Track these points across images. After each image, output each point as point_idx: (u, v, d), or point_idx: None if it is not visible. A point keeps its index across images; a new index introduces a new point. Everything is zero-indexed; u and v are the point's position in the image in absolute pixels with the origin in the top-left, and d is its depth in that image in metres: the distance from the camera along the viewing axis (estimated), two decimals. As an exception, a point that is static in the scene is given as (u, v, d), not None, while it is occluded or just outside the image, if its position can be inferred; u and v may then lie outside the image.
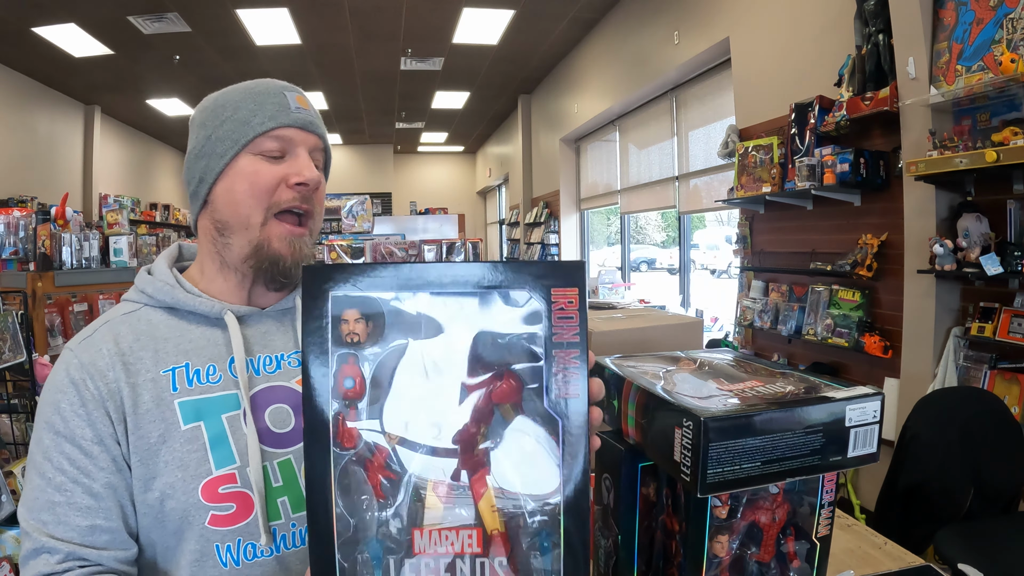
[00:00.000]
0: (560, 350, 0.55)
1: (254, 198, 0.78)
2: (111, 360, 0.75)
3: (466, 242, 4.46)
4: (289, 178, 0.79)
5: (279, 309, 0.85)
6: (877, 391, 0.69)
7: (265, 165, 0.79)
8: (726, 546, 0.71)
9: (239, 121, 0.79)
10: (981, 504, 1.93)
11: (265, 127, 0.78)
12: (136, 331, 0.79)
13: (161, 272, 0.84)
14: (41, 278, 2.63)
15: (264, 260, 0.79)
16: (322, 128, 0.84)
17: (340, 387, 0.53)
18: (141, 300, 0.82)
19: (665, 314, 1.66)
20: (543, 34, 6.62)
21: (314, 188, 0.80)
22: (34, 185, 7.04)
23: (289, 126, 0.79)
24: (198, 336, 0.79)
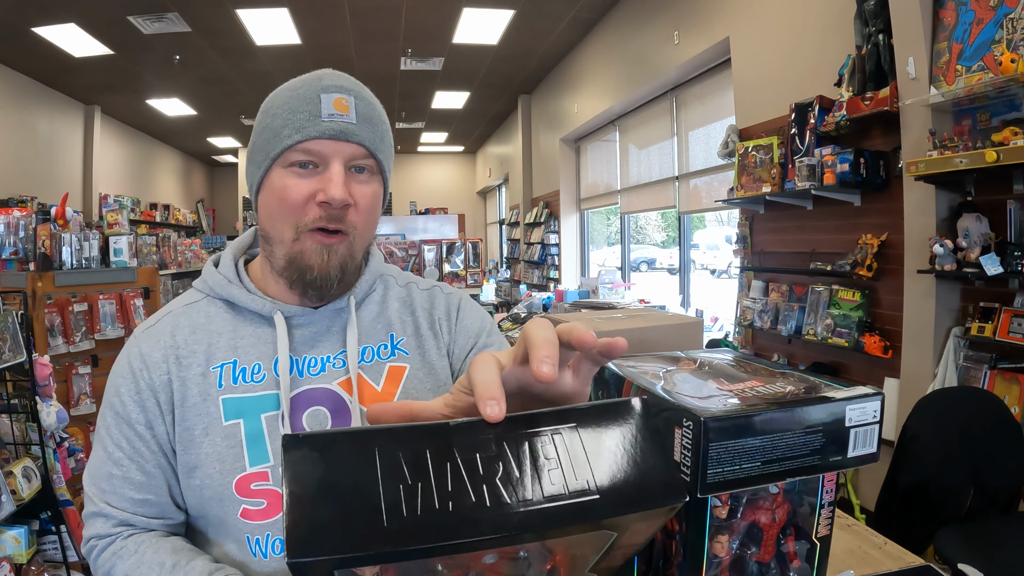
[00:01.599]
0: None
1: (283, 215, 0.76)
2: (166, 353, 0.79)
3: (466, 242, 4.46)
4: (317, 195, 0.75)
5: (332, 309, 0.84)
6: (877, 391, 0.69)
7: (294, 180, 0.75)
8: (726, 546, 0.71)
9: (273, 131, 0.76)
10: (981, 504, 1.93)
11: (292, 140, 0.74)
12: (193, 324, 0.81)
13: (225, 265, 0.86)
14: (41, 278, 2.63)
15: (295, 272, 0.78)
16: (363, 133, 0.77)
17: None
18: (204, 291, 0.85)
19: (665, 314, 1.66)
20: (543, 34, 6.62)
21: (341, 207, 0.75)
22: (34, 185, 7.04)
23: (317, 138, 0.74)
24: (249, 333, 0.81)
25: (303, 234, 0.76)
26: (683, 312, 5.04)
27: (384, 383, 0.83)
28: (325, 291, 0.79)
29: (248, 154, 0.81)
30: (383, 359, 0.85)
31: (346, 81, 0.79)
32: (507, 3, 5.70)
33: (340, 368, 0.82)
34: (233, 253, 0.88)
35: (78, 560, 2.17)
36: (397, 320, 0.88)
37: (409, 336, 0.88)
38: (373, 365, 0.84)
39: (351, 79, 0.80)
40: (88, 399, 2.79)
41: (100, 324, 2.83)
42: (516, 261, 9.64)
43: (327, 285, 0.78)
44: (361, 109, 0.77)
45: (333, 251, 0.77)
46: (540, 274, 8.48)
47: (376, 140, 0.78)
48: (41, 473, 2.08)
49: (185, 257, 5.43)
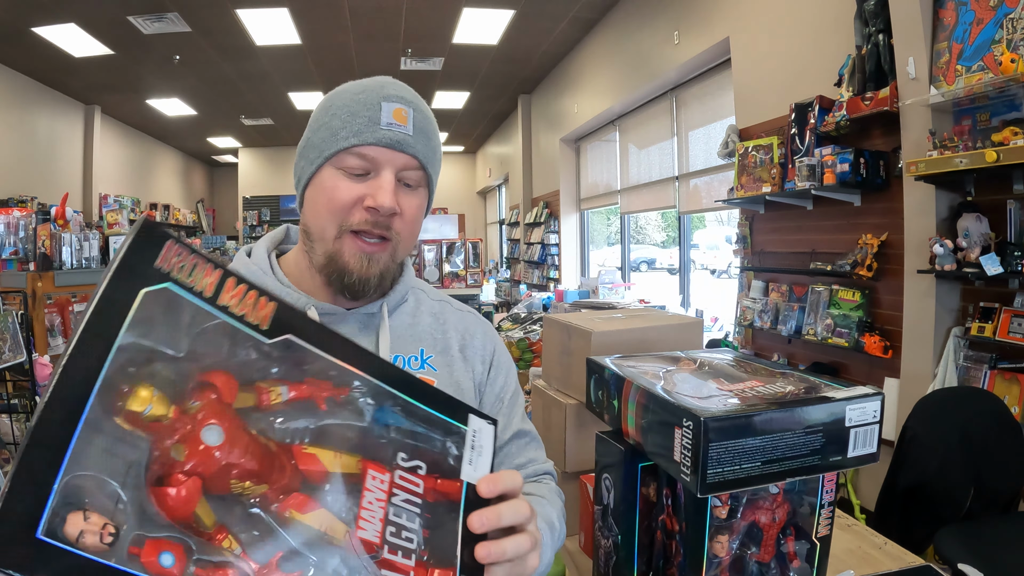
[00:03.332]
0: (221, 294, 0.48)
1: (329, 214, 0.77)
2: None
3: (466, 242, 4.46)
4: (365, 200, 0.76)
5: (365, 313, 0.84)
6: (877, 391, 0.69)
7: (345, 182, 0.76)
8: (726, 546, 0.71)
9: (330, 130, 0.77)
10: (981, 504, 1.93)
11: (348, 143, 0.75)
12: None
13: (258, 256, 0.85)
14: (41, 278, 2.63)
15: (334, 272, 0.78)
16: (418, 146, 0.78)
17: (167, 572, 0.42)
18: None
19: (665, 314, 1.66)
20: (543, 34, 6.62)
21: (388, 214, 0.76)
22: (34, 185, 7.04)
23: (373, 144, 0.75)
24: None
25: (345, 234, 0.77)
26: (683, 312, 5.04)
27: None
28: (361, 295, 0.80)
29: (301, 149, 0.82)
30: (413, 369, 0.85)
31: (407, 92, 0.80)
32: (507, 3, 5.70)
33: None
34: (267, 245, 0.88)
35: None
36: (428, 335, 0.89)
37: (439, 354, 0.88)
38: None
39: (411, 91, 0.81)
40: (88, 399, 2.79)
41: (100, 324, 2.83)
42: (516, 261, 9.64)
43: (365, 289, 0.78)
44: (418, 122, 0.79)
45: (375, 259, 0.78)
46: (540, 274, 8.48)
47: (429, 153, 0.80)
48: (41, 473, 2.07)
49: (185, 257, 5.42)
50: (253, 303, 0.48)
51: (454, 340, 0.90)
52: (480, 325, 0.95)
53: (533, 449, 0.94)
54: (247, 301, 0.48)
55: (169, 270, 0.45)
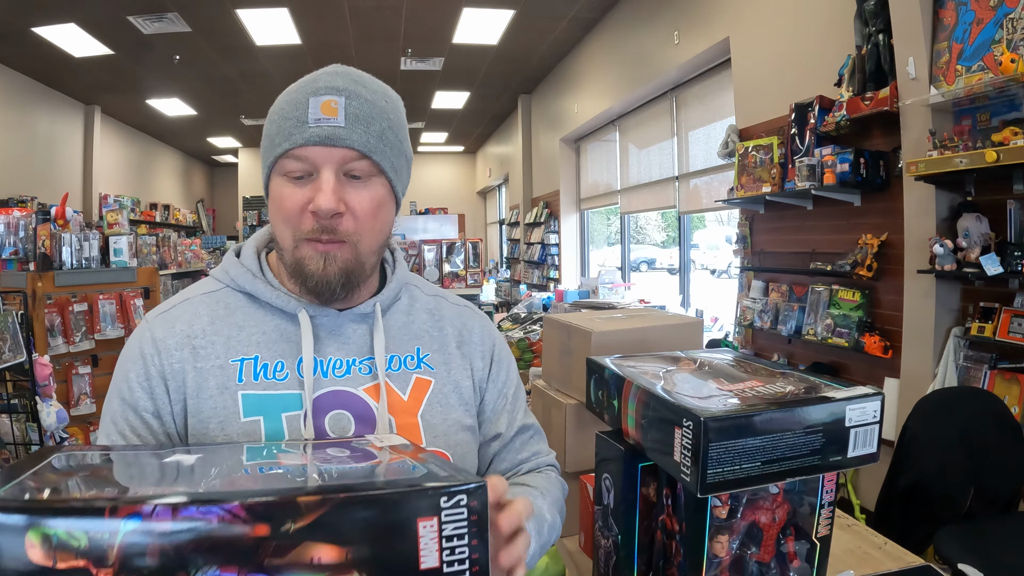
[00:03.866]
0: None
1: (283, 223, 0.76)
2: (181, 340, 0.76)
3: (466, 242, 4.46)
4: (309, 204, 0.73)
5: (357, 313, 0.82)
6: (877, 391, 0.69)
7: (289, 188, 0.74)
8: (726, 546, 0.71)
9: (269, 137, 0.76)
10: (981, 504, 1.93)
11: (282, 148, 0.73)
12: (213, 314, 0.79)
13: (247, 257, 0.84)
14: (41, 278, 2.63)
15: (299, 277, 0.76)
16: (354, 136, 0.73)
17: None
18: (224, 281, 0.83)
19: (665, 314, 1.66)
20: (543, 34, 6.62)
21: (329, 216, 0.73)
22: (34, 185, 7.05)
23: (304, 145, 0.72)
24: (272, 329, 0.79)
25: (301, 242, 0.75)
26: (683, 312, 5.04)
27: (410, 393, 0.82)
28: (328, 296, 0.77)
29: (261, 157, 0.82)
30: (409, 369, 0.84)
31: (340, 80, 0.76)
32: (507, 3, 5.70)
33: (367, 374, 0.80)
34: (255, 245, 0.86)
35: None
36: (424, 333, 0.87)
37: (435, 352, 0.86)
38: (400, 374, 0.83)
39: (348, 76, 0.77)
40: (88, 399, 2.79)
41: (100, 324, 2.83)
42: (516, 261, 9.64)
43: (328, 290, 0.76)
44: (352, 109, 0.74)
45: (331, 258, 0.75)
46: (540, 274, 8.48)
47: (371, 140, 0.74)
48: (41, 473, 2.07)
49: (185, 257, 5.43)
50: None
51: (451, 336, 0.89)
52: (477, 319, 0.94)
53: (536, 442, 0.94)
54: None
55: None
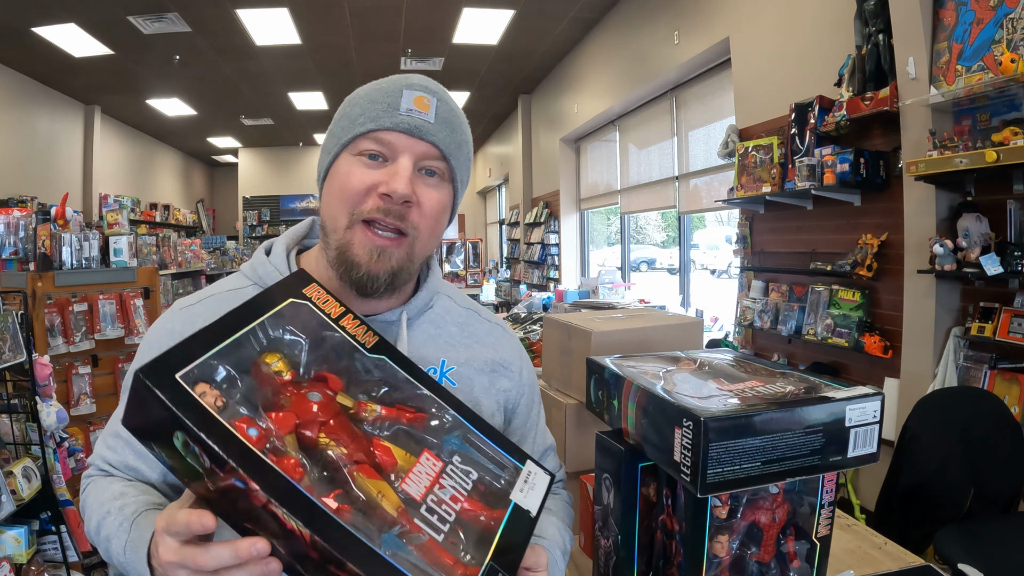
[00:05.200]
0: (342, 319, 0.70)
1: (341, 201, 0.73)
2: None
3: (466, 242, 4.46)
4: (380, 186, 0.72)
5: (383, 320, 0.80)
6: (877, 391, 0.69)
7: (359, 168, 0.73)
8: (726, 546, 0.71)
9: (349, 119, 0.75)
10: (981, 504, 1.93)
11: (365, 128, 0.73)
12: None
13: (277, 255, 0.83)
14: (41, 278, 2.63)
15: (343, 265, 0.74)
16: (440, 134, 0.74)
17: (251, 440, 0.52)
18: (252, 278, 0.82)
19: (665, 314, 1.66)
20: (543, 34, 6.62)
21: (400, 203, 0.72)
22: (34, 185, 7.05)
23: (390, 129, 0.72)
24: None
25: (356, 224, 0.73)
26: (683, 312, 5.04)
27: None
28: (371, 292, 0.75)
29: (323, 144, 0.80)
30: None
31: (432, 84, 0.77)
32: (507, 3, 5.70)
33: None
34: (287, 243, 0.85)
35: (78, 560, 2.17)
36: (451, 346, 0.85)
37: (460, 366, 0.84)
38: None
39: (439, 85, 0.79)
40: (88, 399, 2.79)
41: (100, 324, 2.83)
42: (516, 261, 9.64)
43: (374, 286, 0.74)
44: (442, 112, 0.75)
45: (386, 254, 0.73)
46: (540, 274, 8.48)
47: (452, 145, 0.76)
48: (41, 473, 2.07)
49: (185, 257, 5.43)
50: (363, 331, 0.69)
51: (480, 355, 0.86)
52: (509, 340, 0.92)
53: (553, 459, 0.95)
54: (359, 329, 0.68)
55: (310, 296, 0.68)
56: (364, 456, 0.57)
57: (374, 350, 0.67)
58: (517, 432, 0.90)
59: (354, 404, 0.61)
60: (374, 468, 0.57)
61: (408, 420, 0.63)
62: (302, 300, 0.66)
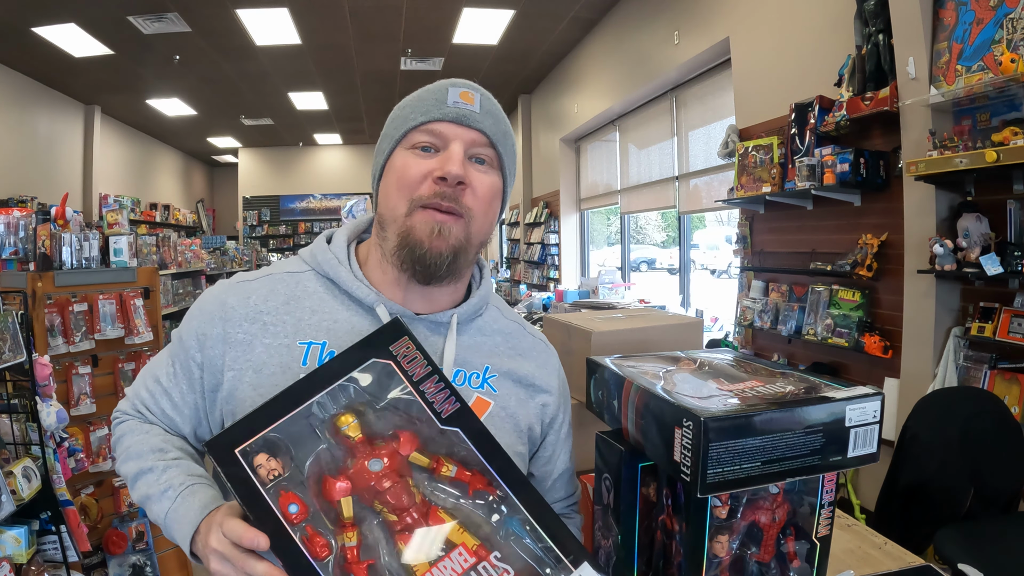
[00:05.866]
0: (424, 383, 0.69)
1: (399, 191, 0.77)
2: (251, 313, 0.79)
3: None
4: (434, 172, 0.76)
5: (433, 321, 0.82)
6: (877, 391, 0.69)
7: (414, 159, 0.78)
8: (726, 546, 0.71)
9: (401, 118, 0.80)
10: (981, 504, 1.93)
11: (417, 121, 0.78)
12: (290, 294, 0.81)
13: (337, 244, 0.86)
14: (41, 278, 2.63)
15: (405, 248, 0.77)
16: (486, 122, 0.80)
17: (288, 516, 0.60)
18: (311, 264, 0.85)
19: (665, 314, 1.66)
20: (543, 34, 6.62)
21: (454, 184, 0.76)
22: (34, 185, 7.05)
23: (440, 120, 0.77)
24: (345, 319, 0.80)
25: (415, 209, 0.76)
26: (683, 312, 5.04)
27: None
28: (434, 272, 0.77)
29: (377, 146, 0.84)
30: (473, 387, 0.83)
31: (474, 84, 0.83)
32: (507, 3, 5.70)
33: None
34: (348, 234, 0.88)
35: (78, 560, 2.16)
36: (495, 355, 0.87)
37: (502, 376, 0.86)
38: (463, 389, 0.82)
39: (481, 87, 0.84)
40: (88, 399, 2.79)
41: (100, 324, 2.82)
42: (516, 261, 9.64)
43: (436, 264, 0.77)
44: (486, 104, 0.80)
45: (446, 229, 0.76)
46: (540, 274, 8.48)
47: (499, 133, 0.80)
48: (41, 473, 2.07)
49: (185, 257, 5.42)
50: (444, 397, 0.69)
51: (523, 370, 0.88)
52: (551, 358, 0.94)
53: (572, 482, 0.97)
54: (440, 395, 0.69)
55: (397, 353, 0.69)
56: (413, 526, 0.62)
57: (449, 421, 0.68)
58: (548, 448, 0.91)
59: (431, 462, 0.65)
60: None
61: (473, 493, 0.65)
62: (386, 360, 0.69)
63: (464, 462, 0.66)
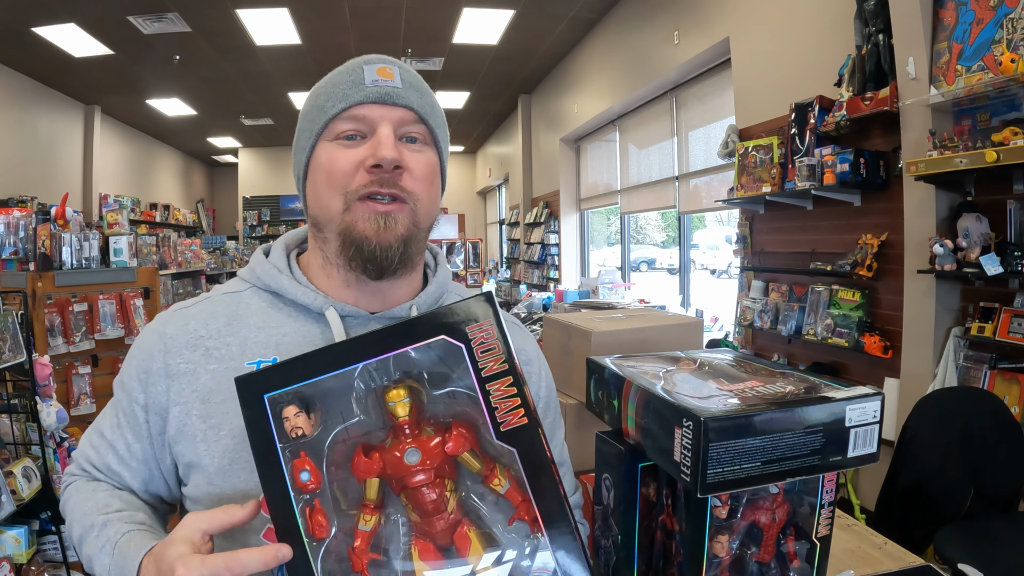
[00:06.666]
0: (494, 383, 0.58)
1: (331, 187, 0.71)
2: (192, 340, 0.73)
3: (466, 242, 4.46)
4: (366, 160, 0.70)
5: (391, 317, 0.77)
6: (877, 391, 0.69)
7: (341, 151, 0.72)
8: (726, 546, 0.71)
9: (317, 109, 0.74)
10: (981, 504, 1.93)
11: (336, 109, 0.71)
12: (231, 314, 0.75)
13: (276, 254, 0.80)
14: (41, 278, 2.63)
15: (351, 247, 0.71)
16: (412, 97, 0.73)
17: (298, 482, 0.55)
18: (250, 280, 0.79)
19: (665, 314, 1.66)
20: (543, 34, 6.62)
21: (391, 169, 0.70)
22: (34, 185, 7.04)
23: (362, 103, 0.71)
24: (294, 330, 0.74)
25: (353, 203, 0.71)
26: (683, 312, 5.04)
27: None
28: (387, 266, 0.72)
29: (294, 145, 0.78)
30: None
31: (389, 57, 0.77)
32: (507, 3, 5.70)
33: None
34: (286, 243, 0.83)
35: (78, 560, 2.16)
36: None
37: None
38: None
39: (394, 59, 0.78)
40: (88, 399, 2.79)
41: (100, 324, 2.83)
42: (516, 261, 9.64)
43: (388, 258, 0.71)
44: (407, 77, 0.75)
45: (391, 220, 0.71)
46: (540, 274, 8.48)
47: (426, 106, 0.75)
48: (41, 473, 2.07)
49: (185, 257, 5.42)
50: (511, 406, 0.58)
51: None
52: (529, 342, 0.89)
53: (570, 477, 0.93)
54: (507, 402, 0.58)
55: (472, 339, 0.59)
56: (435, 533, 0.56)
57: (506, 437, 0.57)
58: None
59: (483, 467, 0.57)
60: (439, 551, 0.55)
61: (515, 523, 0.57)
62: (459, 342, 0.58)
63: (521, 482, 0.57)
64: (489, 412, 0.57)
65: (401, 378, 0.57)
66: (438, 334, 0.58)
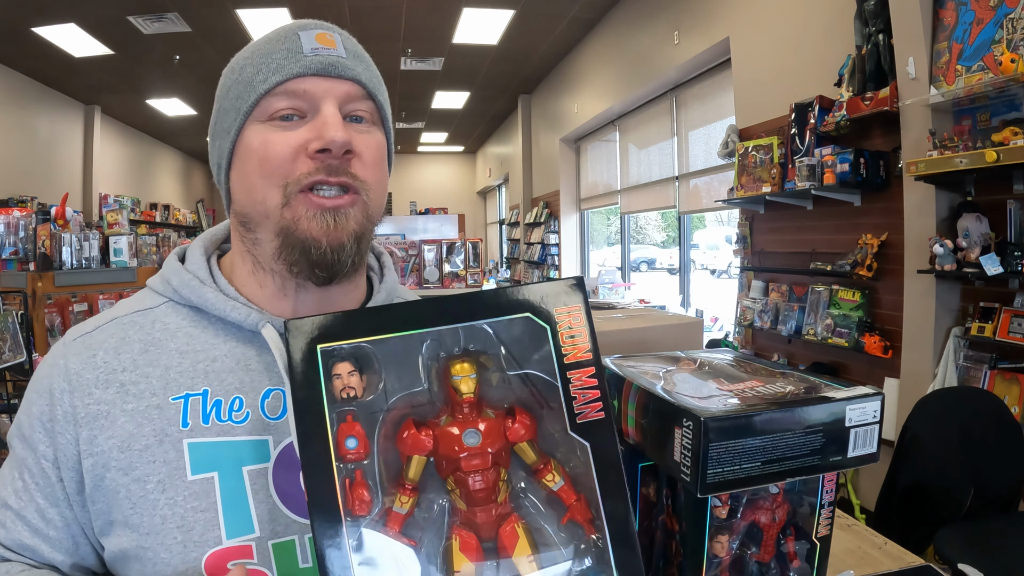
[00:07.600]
0: (576, 371, 0.53)
1: (265, 178, 0.59)
2: (102, 375, 0.60)
3: (466, 242, 4.46)
4: (309, 144, 0.59)
5: None
6: (877, 391, 0.69)
7: (276, 133, 0.60)
8: (726, 546, 0.71)
9: (243, 83, 0.62)
10: (981, 504, 1.93)
11: (270, 83, 0.60)
12: (147, 338, 0.62)
13: (194, 261, 0.67)
14: (41, 278, 2.63)
15: (295, 249, 0.60)
16: (359, 68, 0.63)
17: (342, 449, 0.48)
18: (165, 294, 0.66)
19: (665, 314, 1.66)
20: (543, 34, 6.62)
21: (341, 154, 0.59)
22: (34, 185, 7.04)
23: (301, 75, 0.60)
24: (225, 354, 0.62)
25: (294, 196, 0.59)
26: (683, 312, 5.04)
27: None
28: (339, 270, 0.61)
29: (211, 129, 0.66)
30: None
31: (328, 24, 0.67)
32: (507, 3, 5.70)
33: None
34: (204, 246, 0.69)
35: None
36: None
37: None
38: None
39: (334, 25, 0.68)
40: (88, 399, 2.79)
41: (100, 324, 2.83)
42: (516, 261, 9.65)
43: (340, 261, 0.60)
44: (349, 45, 0.64)
45: (341, 215, 0.60)
46: (540, 274, 8.48)
47: (373, 79, 0.65)
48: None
49: (185, 257, 5.42)
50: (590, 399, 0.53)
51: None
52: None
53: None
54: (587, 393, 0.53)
55: (558, 323, 0.53)
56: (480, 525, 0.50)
57: (582, 429, 0.53)
58: None
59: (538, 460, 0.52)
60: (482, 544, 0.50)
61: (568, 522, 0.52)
62: (544, 323, 0.53)
63: (575, 480, 0.52)
64: (567, 401, 0.53)
65: (471, 351, 0.52)
66: (523, 311, 0.53)
